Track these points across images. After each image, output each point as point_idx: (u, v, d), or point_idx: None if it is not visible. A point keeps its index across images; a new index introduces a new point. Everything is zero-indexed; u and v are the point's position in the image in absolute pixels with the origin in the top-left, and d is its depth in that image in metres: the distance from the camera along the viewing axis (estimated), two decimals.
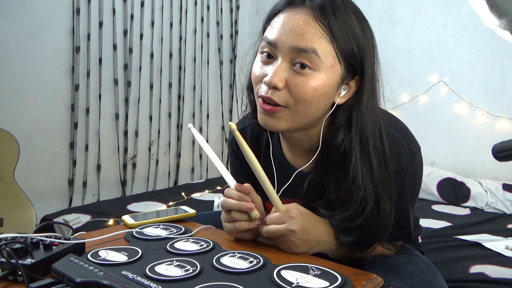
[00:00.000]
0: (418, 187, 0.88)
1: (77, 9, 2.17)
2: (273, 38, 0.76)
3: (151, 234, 0.81)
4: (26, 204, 1.77)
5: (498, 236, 1.64)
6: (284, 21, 0.75)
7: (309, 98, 0.74)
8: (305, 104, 0.75)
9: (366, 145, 0.77)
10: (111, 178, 2.42)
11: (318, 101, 0.76)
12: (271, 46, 0.76)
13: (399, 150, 0.81)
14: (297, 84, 0.74)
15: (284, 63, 0.75)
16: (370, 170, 0.77)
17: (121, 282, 0.54)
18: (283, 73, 0.74)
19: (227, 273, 0.64)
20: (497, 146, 0.68)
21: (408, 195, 0.85)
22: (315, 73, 0.74)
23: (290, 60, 0.74)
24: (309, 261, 0.70)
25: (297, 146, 0.87)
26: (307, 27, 0.73)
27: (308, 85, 0.74)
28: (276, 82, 0.74)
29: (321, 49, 0.73)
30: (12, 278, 0.60)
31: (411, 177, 0.83)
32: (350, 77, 0.78)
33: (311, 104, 0.75)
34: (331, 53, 0.74)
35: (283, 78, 0.74)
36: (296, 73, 0.74)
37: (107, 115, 2.38)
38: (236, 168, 1.00)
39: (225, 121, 3.11)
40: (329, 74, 0.75)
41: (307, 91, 0.74)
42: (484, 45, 2.32)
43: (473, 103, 2.38)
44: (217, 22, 2.97)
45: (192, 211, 0.98)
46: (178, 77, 2.73)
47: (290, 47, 0.73)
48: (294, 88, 0.74)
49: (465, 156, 2.43)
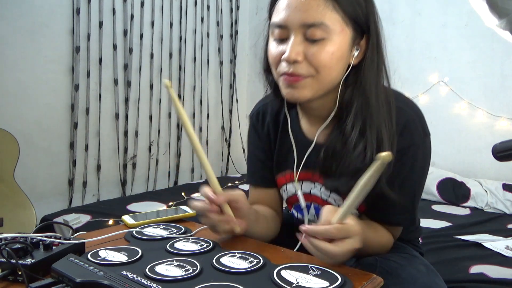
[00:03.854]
0: (426, 173, 0.90)
1: (77, 9, 2.17)
2: (281, 21, 0.80)
3: (151, 234, 0.81)
4: (26, 204, 1.77)
5: (498, 236, 1.63)
6: (288, 1, 0.79)
7: (329, 63, 0.79)
8: (325, 70, 0.79)
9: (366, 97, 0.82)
10: (111, 178, 2.42)
11: (337, 65, 0.80)
12: (281, 29, 0.80)
13: (412, 126, 0.84)
14: (314, 53, 0.78)
15: (297, 37, 0.78)
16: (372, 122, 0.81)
17: (121, 282, 0.54)
18: (299, 47, 0.78)
19: (227, 273, 0.64)
20: (497, 146, 0.68)
21: (416, 177, 0.87)
22: (327, 40, 0.78)
23: (302, 33, 0.79)
24: (309, 261, 0.70)
25: (315, 115, 0.91)
26: (310, 2, 0.77)
27: (325, 51, 0.78)
28: (295, 56, 0.78)
29: (328, 19, 0.77)
30: (12, 278, 0.60)
31: (421, 158, 0.86)
32: (359, 38, 0.83)
33: (332, 68, 0.80)
34: (338, 20, 0.78)
35: (300, 51, 0.78)
36: (311, 43, 0.78)
37: (107, 115, 2.38)
38: (253, 142, 1.03)
39: (225, 121, 3.11)
40: (341, 38, 0.79)
41: (325, 57, 0.78)
42: (484, 45, 2.32)
43: (473, 103, 2.38)
44: (217, 22, 2.97)
45: (192, 211, 0.98)
46: (178, 77, 2.73)
47: (299, 24, 0.78)
48: (312, 57, 0.78)
49: (465, 156, 2.43)
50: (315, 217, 0.96)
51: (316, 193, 0.93)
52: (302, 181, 0.94)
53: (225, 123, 3.11)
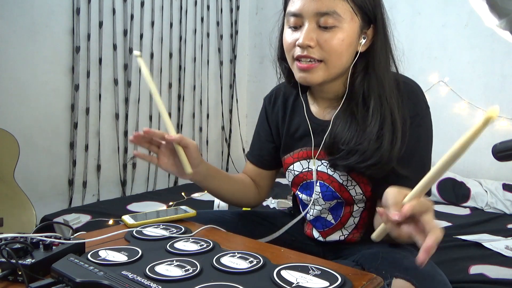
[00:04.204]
0: (431, 145, 0.95)
1: (77, 9, 2.17)
2: (296, 9, 0.87)
3: (151, 234, 0.81)
4: (26, 204, 1.77)
5: (498, 236, 1.63)
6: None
7: (339, 49, 0.86)
8: (336, 55, 0.86)
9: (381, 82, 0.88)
10: (111, 178, 2.42)
11: (347, 51, 0.87)
12: (296, 17, 0.87)
13: (415, 98, 0.91)
14: (327, 40, 0.85)
15: (311, 25, 0.86)
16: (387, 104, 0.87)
17: (121, 282, 0.54)
18: (312, 33, 0.86)
19: (227, 273, 0.64)
20: (497, 146, 0.68)
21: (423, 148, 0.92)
22: (338, 28, 0.85)
23: (315, 22, 0.86)
24: (309, 261, 0.70)
25: (324, 97, 0.98)
26: None
27: (336, 38, 0.85)
28: (308, 41, 0.85)
29: (339, 8, 0.84)
30: (12, 278, 0.60)
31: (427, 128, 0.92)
32: (367, 27, 0.90)
33: (342, 54, 0.87)
34: (348, 9, 0.85)
35: (313, 37, 0.85)
36: (323, 31, 0.86)
37: (107, 115, 2.38)
38: (261, 122, 1.13)
39: (225, 121, 3.11)
40: (350, 26, 0.86)
41: (336, 43, 0.85)
42: (484, 45, 2.32)
43: (473, 103, 2.38)
44: (217, 22, 2.97)
45: (192, 211, 0.98)
46: (178, 77, 2.73)
47: (313, 13, 0.85)
48: (324, 43, 0.85)
49: (465, 156, 2.40)
50: (320, 196, 1.00)
51: (323, 169, 0.98)
52: (310, 159, 1.00)
53: (225, 123, 3.11)
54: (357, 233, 1.01)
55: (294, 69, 0.91)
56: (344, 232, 1.02)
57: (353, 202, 0.98)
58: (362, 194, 0.95)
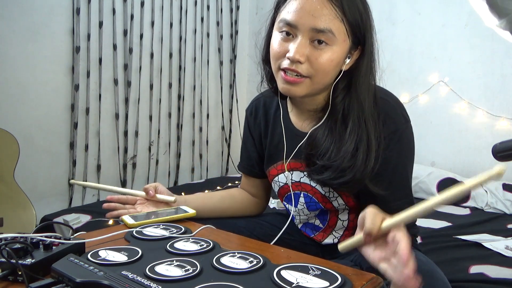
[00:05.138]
0: (413, 158, 0.96)
1: (77, 9, 2.17)
2: (293, 20, 0.85)
3: (151, 234, 0.81)
4: (26, 204, 1.77)
5: (498, 236, 1.63)
6: (302, 4, 0.84)
7: (327, 68, 0.86)
8: (323, 74, 0.87)
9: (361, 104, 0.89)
10: (111, 178, 2.42)
11: (333, 70, 0.88)
12: (290, 27, 0.86)
13: (393, 113, 0.91)
14: (317, 58, 0.85)
15: (304, 40, 0.85)
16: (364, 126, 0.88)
17: (121, 282, 0.54)
18: (304, 49, 0.84)
19: (227, 273, 0.64)
20: (497, 146, 0.68)
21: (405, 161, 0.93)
22: (330, 47, 0.85)
23: (309, 38, 0.85)
24: (309, 261, 0.70)
25: (305, 109, 0.98)
26: (323, 9, 0.83)
27: (326, 58, 0.85)
28: (299, 57, 0.84)
29: (335, 28, 0.84)
30: (12, 278, 0.60)
31: (407, 142, 0.92)
32: (354, 48, 0.90)
33: (328, 73, 0.87)
34: (343, 30, 0.85)
35: (304, 53, 0.85)
36: (315, 48, 0.85)
37: (107, 115, 2.38)
38: (245, 135, 1.15)
39: (225, 121, 3.11)
40: (341, 47, 0.86)
41: (325, 63, 0.85)
42: (484, 45, 2.32)
43: (473, 103, 2.38)
44: (217, 22, 2.97)
45: (192, 211, 0.98)
46: (178, 77, 2.73)
47: (310, 28, 0.84)
48: (314, 61, 0.85)
49: (465, 156, 2.43)
50: (304, 206, 1.02)
51: (306, 181, 0.99)
52: (292, 170, 1.00)
53: (225, 123, 3.11)
54: (349, 234, 1.01)
55: (278, 78, 0.90)
56: (336, 235, 1.04)
57: (337, 212, 1.00)
58: (345, 205, 0.97)
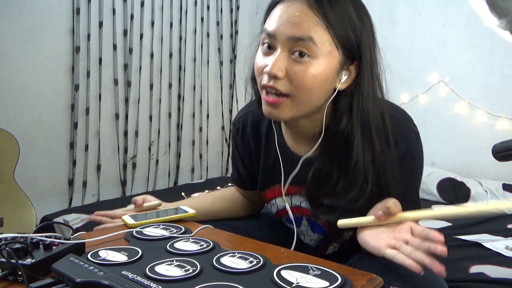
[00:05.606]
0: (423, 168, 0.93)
1: (77, 9, 2.17)
2: (271, 29, 0.78)
3: (151, 234, 0.81)
4: (26, 204, 1.77)
5: (498, 236, 1.63)
6: (281, 12, 0.78)
7: (310, 85, 0.76)
8: (306, 92, 0.77)
9: (368, 130, 0.79)
10: (111, 178, 2.42)
11: (319, 88, 0.78)
12: (271, 37, 0.79)
13: (405, 131, 0.84)
14: (297, 73, 0.76)
15: (283, 53, 0.76)
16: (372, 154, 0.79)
17: (121, 282, 0.54)
18: (282, 63, 0.76)
19: (227, 273, 0.64)
20: (497, 146, 0.68)
21: (417, 176, 0.90)
22: (313, 60, 0.75)
23: (288, 49, 0.76)
24: (309, 261, 0.70)
25: (301, 133, 0.89)
26: (302, 16, 0.75)
27: (308, 72, 0.75)
28: (276, 71, 0.76)
29: (318, 36, 0.75)
30: (12, 278, 0.60)
31: (419, 158, 0.88)
32: (349, 63, 0.80)
33: (312, 91, 0.77)
34: (328, 40, 0.76)
35: (282, 67, 0.76)
36: (295, 61, 0.76)
37: (107, 115, 2.38)
38: (233, 150, 1.09)
39: (225, 121, 3.11)
40: (328, 61, 0.76)
41: (307, 79, 0.75)
42: (484, 45, 2.32)
43: (473, 103, 2.38)
44: (217, 22, 2.97)
45: (192, 211, 0.98)
46: (178, 77, 2.73)
47: (288, 37, 0.75)
48: (294, 76, 0.76)
49: (465, 156, 2.43)
50: (308, 227, 0.97)
51: (306, 206, 0.92)
52: (292, 195, 0.94)
53: (225, 123, 3.11)
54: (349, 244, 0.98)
55: (262, 99, 0.82)
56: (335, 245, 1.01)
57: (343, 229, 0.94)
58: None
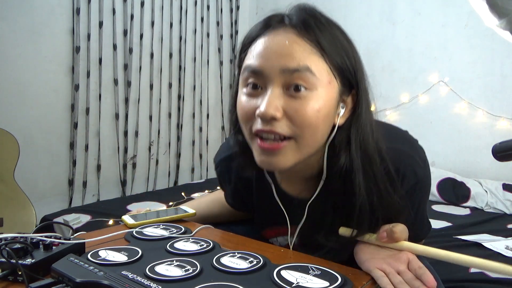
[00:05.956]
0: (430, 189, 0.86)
1: (77, 9, 2.17)
2: (257, 65, 0.66)
3: (151, 234, 0.81)
4: (26, 204, 1.77)
5: (498, 236, 1.63)
6: (267, 44, 0.67)
7: (314, 122, 0.65)
8: (311, 130, 0.66)
9: (369, 165, 0.70)
10: (111, 178, 2.42)
11: (323, 124, 0.67)
12: (256, 75, 0.67)
13: (413, 164, 0.75)
14: (298, 110, 0.64)
15: (276, 89, 0.65)
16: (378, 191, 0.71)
17: (121, 282, 0.54)
18: (278, 101, 0.64)
19: (227, 273, 0.64)
20: (497, 146, 0.68)
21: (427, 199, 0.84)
22: (313, 93, 0.65)
23: (282, 84, 0.65)
24: (309, 261, 0.70)
25: (295, 176, 0.79)
26: (293, 45, 0.65)
27: (310, 107, 0.64)
28: (273, 112, 0.64)
29: (314, 65, 0.65)
30: (12, 278, 0.60)
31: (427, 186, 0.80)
32: (347, 93, 0.71)
33: (318, 128, 0.66)
34: (325, 68, 0.66)
35: (279, 106, 0.64)
36: (292, 97, 0.65)
37: (107, 115, 2.38)
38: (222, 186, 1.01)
39: (225, 121, 3.11)
40: (328, 92, 0.66)
41: (310, 114, 0.65)
42: (484, 45, 2.32)
43: (473, 103, 2.38)
44: (217, 22, 2.97)
45: (192, 211, 0.98)
46: (178, 77, 2.73)
47: (280, 70, 0.64)
48: (294, 114, 0.65)
49: (465, 156, 2.43)
50: None
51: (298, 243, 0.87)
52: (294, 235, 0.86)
53: (225, 123, 3.11)
54: None
55: (254, 147, 0.70)
56: None
57: None
58: None
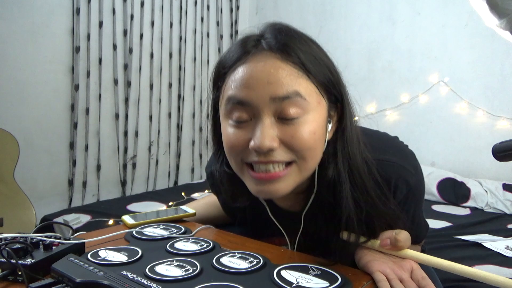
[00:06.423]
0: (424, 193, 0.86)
1: (77, 9, 2.17)
2: (243, 96, 0.64)
3: (151, 234, 0.81)
4: (26, 204, 1.77)
5: (498, 236, 1.63)
6: (250, 73, 0.64)
7: (312, 144, 0.65)
8: (310, 152, 0.65)
9: (358, 175, 0.69)
10: (111, 178, 2.42)
11: (320, 144, 0.67)
12: (243, 106, 0.65)
13: (404, 174, 0.74)
14: (294, 135, 0.64)
15: (267, 119, 0.63)
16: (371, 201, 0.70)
17: (121, 282, 0.54)
18: (272, 131, 0.63)
19: (227, 273, 0.64)
20: (497, 146, 0.68)
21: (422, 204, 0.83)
22: (305, 116, 0.64)
23: (273, 113, 0.64)
24: (309, 261, 0.70)
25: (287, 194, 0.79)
26: (279, 71, 0.63)
27: (305, 131, 0.64)
28: (269, 143, 0.62)
29: (303, 89, 0.64)
30: (12, 278, 0.60)
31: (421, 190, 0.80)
32: (333, 108, 0.70)
33: (316, 149, 0.66)
34: (313, 90, 0.65)
35: (274, 136, 0.63)
36: (285, 124, 0.64)
37: (107, 115, 2.38)
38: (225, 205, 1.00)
39: None
40: (319, 112, 0.66)
41: (307, 138, 0.64)
42: (484, 45, 2.32)
43: (473, 103, 2.38)
44: (217, 22, 2.97)
45: (192, 211, 0.98)
46: (178, 77, 2.73)
47: (270, 99, 0.63)
48: (291, 140, 0.64)
49: (465, 156, 2.43)
50: None
51: None
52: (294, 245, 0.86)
53: None
54: None
55: (247, 179, 0.69)
56: None
57: None
58: None
